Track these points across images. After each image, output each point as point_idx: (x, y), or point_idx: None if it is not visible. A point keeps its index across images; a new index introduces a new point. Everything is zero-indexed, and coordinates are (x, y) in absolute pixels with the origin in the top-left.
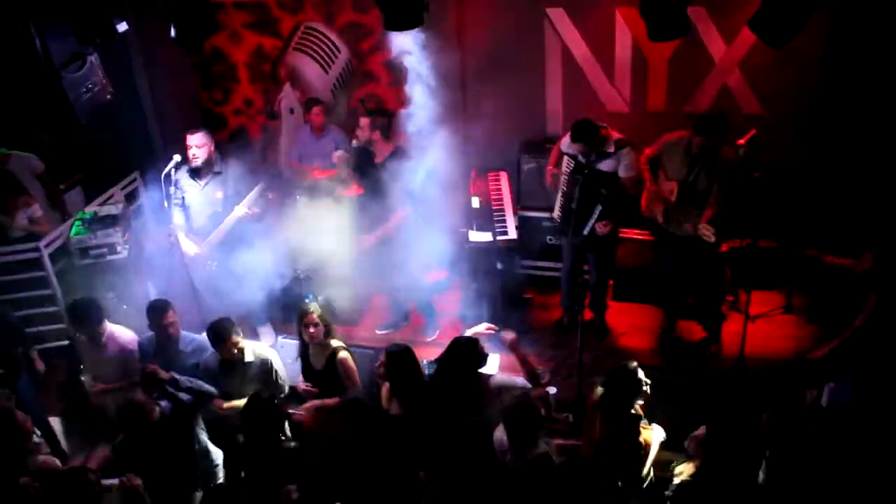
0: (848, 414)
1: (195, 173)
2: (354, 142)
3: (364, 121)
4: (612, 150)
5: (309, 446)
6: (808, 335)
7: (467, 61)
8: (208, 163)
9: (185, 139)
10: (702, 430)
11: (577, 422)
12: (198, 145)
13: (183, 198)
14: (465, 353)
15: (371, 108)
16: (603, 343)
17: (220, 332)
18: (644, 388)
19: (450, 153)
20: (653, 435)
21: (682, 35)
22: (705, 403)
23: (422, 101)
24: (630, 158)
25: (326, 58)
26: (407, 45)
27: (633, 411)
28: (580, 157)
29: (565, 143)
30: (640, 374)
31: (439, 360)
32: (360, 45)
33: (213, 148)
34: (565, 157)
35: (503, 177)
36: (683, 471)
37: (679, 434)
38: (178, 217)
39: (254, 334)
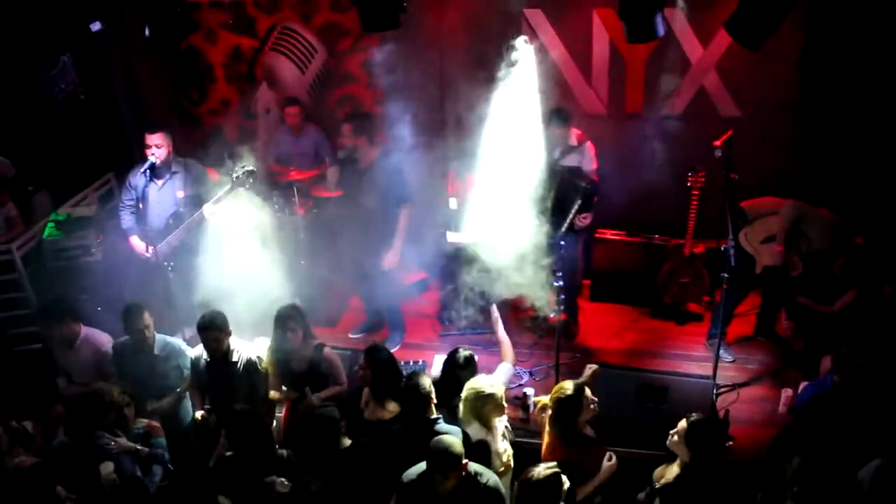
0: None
1: (153, 173)
2: (340, 152)
3: (346, 127)
4: (575, 144)
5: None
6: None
7: (445, 62)
8: (167, 162)
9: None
10: (683, 425)
11: None
12: (157, 145)
13: (136, 199)
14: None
15: (351, 113)
16: (577, 343)
17: (203, 324)
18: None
19: (428, 154)
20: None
21: (658, 37)
22: (682, 405)
23: (400, 103)
24: (591, 151)
25: (303, 58)
26: (385, 47)
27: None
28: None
29: None
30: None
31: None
32: (338, 46)
33: (171, 148)
34: None
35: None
36: (665, 474)
37: (657, 434)
38: (127, 220)
39: None
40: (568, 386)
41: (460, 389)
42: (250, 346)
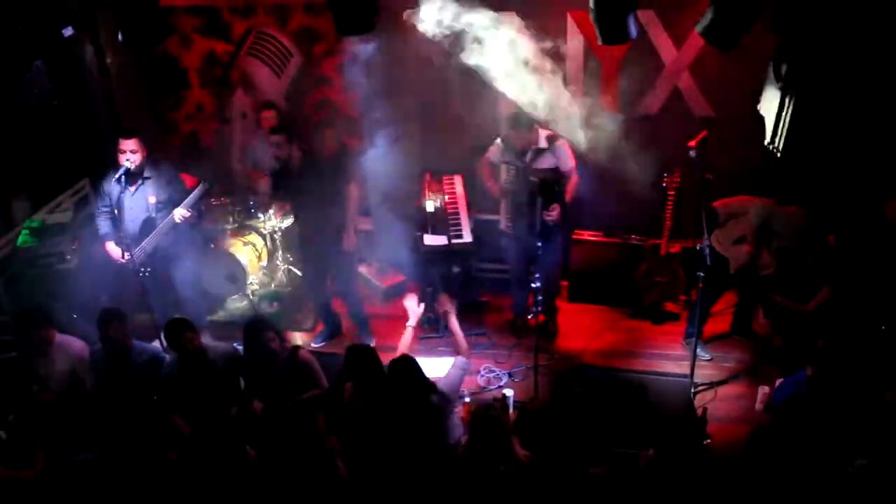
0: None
1: (126, 179)
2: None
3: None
4: (545, 145)
5: None
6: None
7: (420, 65)
8: (140, 168)
9: (118, 143)
10: (650, 453)
11: None
12: (132, 150)
13: (111, 205)
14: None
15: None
16: (556, 345)
17: (173, 329)
18: None
19: (404, 157)
20: None
21: (631, 39)
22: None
23: (375, 106)
24: (565, 150)
25: (279, 62)
26: (360, 50)
27: None
28: (517, 162)
29: (493, 154)
30: None
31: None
32: (314, 50)
33: (146, 153)
34: (503, 167)
35: (458, 180)
36: None
37: (635, 433)
38: (104, 226)
39: None
40: None
41: None
42: (223, 344)
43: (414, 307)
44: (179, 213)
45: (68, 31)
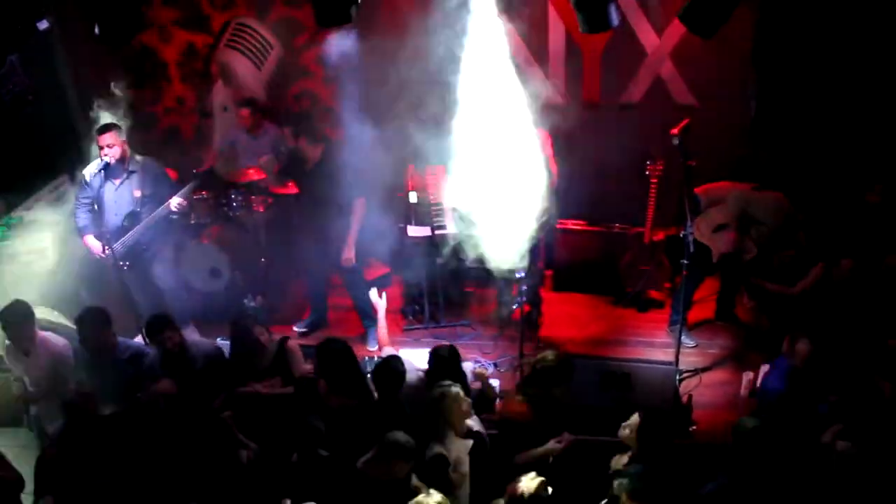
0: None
1: (108, 173)
2: (283, 147)
3: (287, 130)
4: None
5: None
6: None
7: (400, 55)
8: (121, 161)
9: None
10: (635, 419)
11: None
12: (108, 144)
13: (93, 198)
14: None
15: (293, 116)
16: (540, 334)
17: (153, 326)
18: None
19: (386, 148)
20: None
21: (612, 27)
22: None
23: (357, 97)
24: (541, 138)
25: (259, 54)
26: (340, 41)
27: None
28: None
29: None
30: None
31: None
32: (294, 41)
33: (125, 147)
34: None
35: (441, 171)
36: (619, 461)
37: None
38: (83, 218)
39: None
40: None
41: None
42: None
43: (377, 298)
44: (176, 202)
45: (43, 25)
